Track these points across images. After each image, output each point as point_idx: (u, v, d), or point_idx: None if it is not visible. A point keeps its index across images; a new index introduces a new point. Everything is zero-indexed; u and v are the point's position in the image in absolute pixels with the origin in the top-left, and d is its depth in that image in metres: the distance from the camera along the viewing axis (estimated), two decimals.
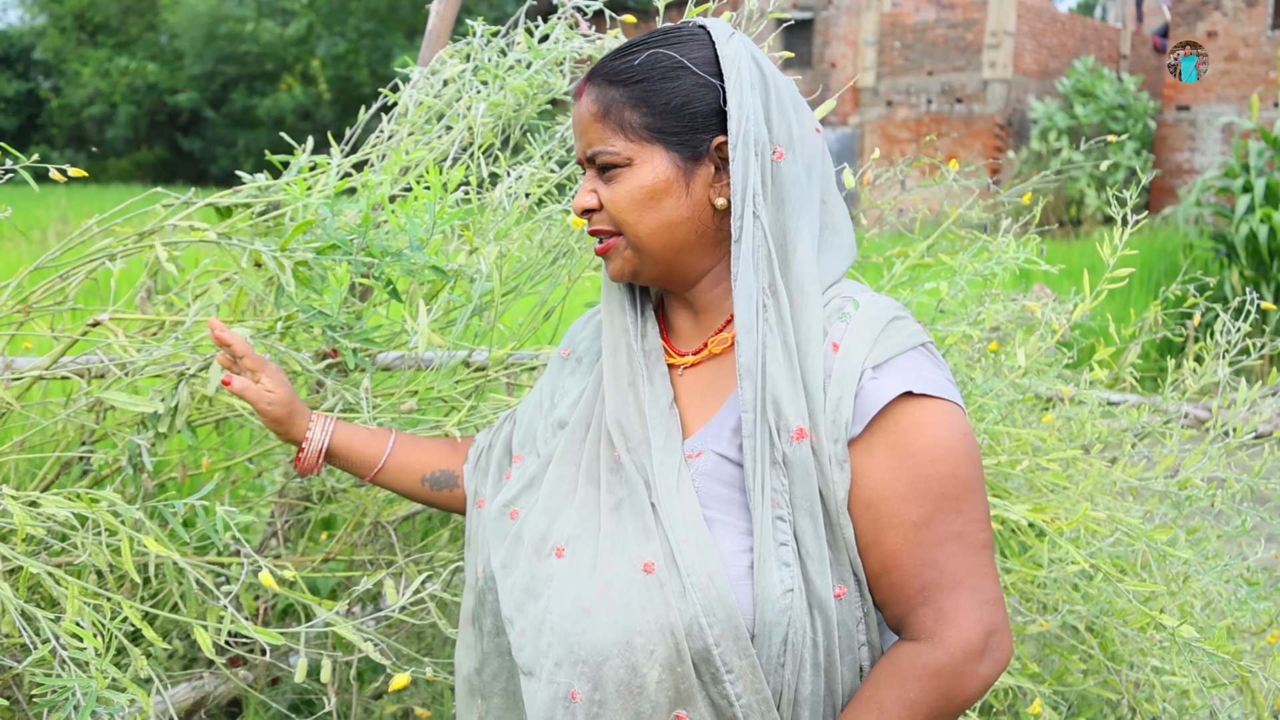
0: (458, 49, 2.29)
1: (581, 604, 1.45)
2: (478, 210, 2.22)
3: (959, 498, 1.41)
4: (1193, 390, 3.05)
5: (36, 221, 15.28)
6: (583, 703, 1.44)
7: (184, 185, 13.85)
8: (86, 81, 34.92)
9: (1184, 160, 20.12)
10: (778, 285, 1.44)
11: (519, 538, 1.58)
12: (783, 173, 1.47)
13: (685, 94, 1.47)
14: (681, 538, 1.41)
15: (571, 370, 1.71)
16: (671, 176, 1.48)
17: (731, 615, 1.38)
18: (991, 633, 1.40)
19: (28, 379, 2.01)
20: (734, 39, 1.50)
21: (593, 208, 1.53)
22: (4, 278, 7.33)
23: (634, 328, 1.59)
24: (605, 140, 1.50)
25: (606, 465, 1.53)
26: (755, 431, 1.41)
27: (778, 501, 1.40)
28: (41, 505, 1.59)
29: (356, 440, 1.81)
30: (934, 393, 1.41)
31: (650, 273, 1.54)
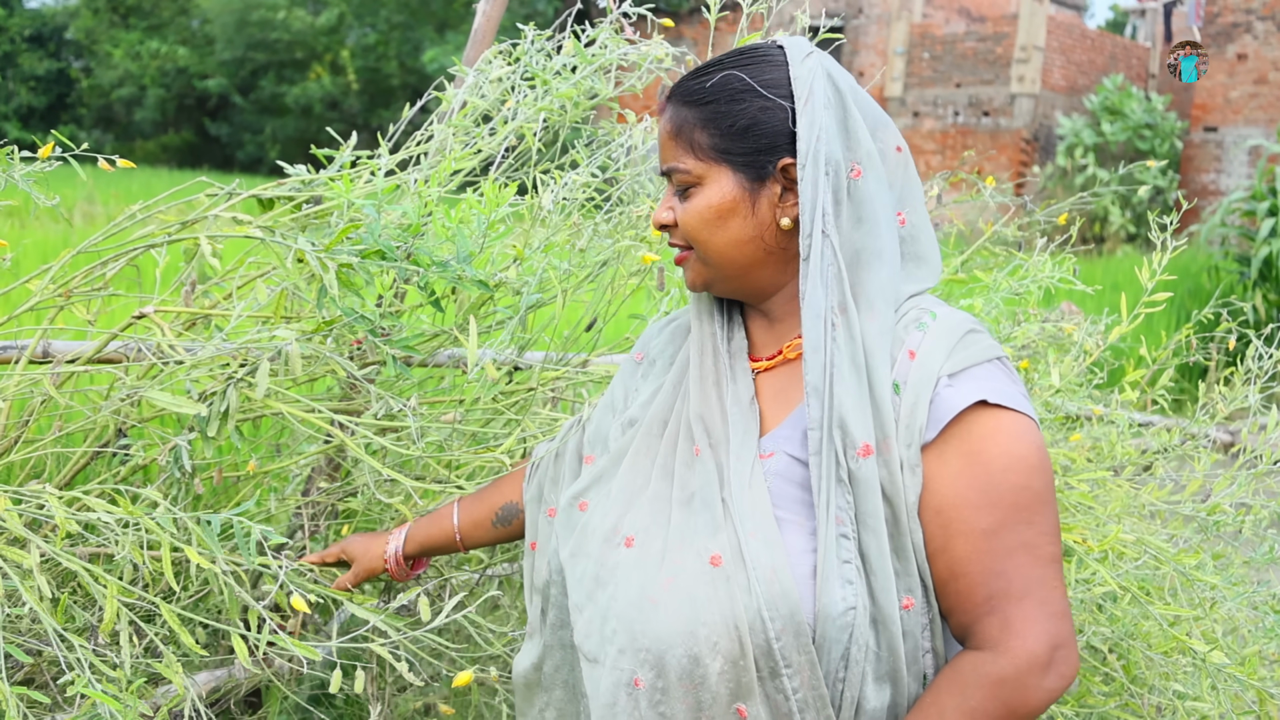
0: (503, 50, 2.29)
1: (648, 594, 1.48)
2: (526, 216, 2.22)
3: (1030, 509, 1.42)
4: (1223, 415, 3.04)
5: (64, 202, 15.28)
6: (646, 689, 1.47)
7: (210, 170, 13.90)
8: (117, 63, 34.98)
9: (1210, 181, 20.02)
10: (848, 303, 1.46)
11: (588, 529, 1.62)
12: (860, 190, 1.49)
13: (751, 116, 1.51)
14: (750, 532, 1.44)
15: (644, 373, 1.75)
16: (737, 196, 1.52)
17: (794, 612, 1.40)
18: (1057, 646, 1.39)
19: (67, 370, 2.01)
20: (809, 59, 1.52)
21: (669, 224, 1.59)
22: (36, 259, 7.36)
23: (720, 329, 1.62)
24: (678, 158, 1.55)
25: (682, 460, 1.56)
26: (821, 449, 1.43)
27: (842, 519, 1.41)
28: (80, 502, 1.60)
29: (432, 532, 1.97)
30: (1009, 404, 1.43)
31: (722, 286, 1.59)
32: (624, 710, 1.50)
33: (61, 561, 1.58)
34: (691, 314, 1.66)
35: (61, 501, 1.57)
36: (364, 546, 1.99)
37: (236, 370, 1.77)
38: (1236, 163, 19.88)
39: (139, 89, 35.44)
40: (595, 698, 1.55)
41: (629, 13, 2.34)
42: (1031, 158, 21.41)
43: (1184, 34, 27.49)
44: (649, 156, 2.44)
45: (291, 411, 1.78)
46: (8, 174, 1.89)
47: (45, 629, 1.87)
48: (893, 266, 1.50)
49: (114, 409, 1.95)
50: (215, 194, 1.95)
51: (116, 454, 2.04)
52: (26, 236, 8.94)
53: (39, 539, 1.55)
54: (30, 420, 2.03)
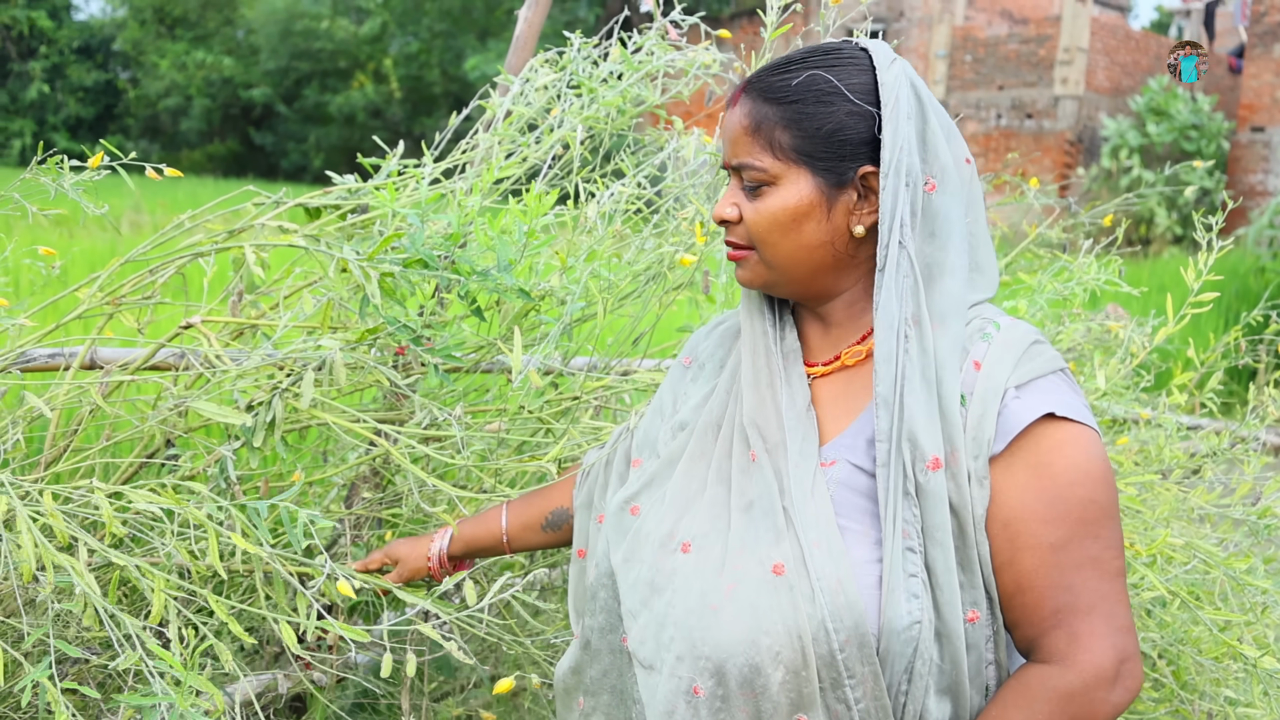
0: (549, 58, 2.29)
1: (708, 601, 1.46)
2: (570, 226, 2.23)
3: (1097, 523, 1.41)
4: (1273, 417, 3.01)
5: (111, 211, 15.43)
6: (706, 698, 1.46)
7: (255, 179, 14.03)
8: (163, 74, 35.35)
9: (1257, 182, 19.82)
10: (922, 315, 1.45)
11: (641, 533, 1.60)
12: (934, 203, 1.48)
13: (838, 121, 1.48)
14: (814, 541, 1.42)
15: (694, 377, 1.74)
16: (814, 200, 1.49)
17: (859, 622, 1.38)
18: (1124, 660, 1.39)
19: (115, 380, 2.03)
20: (895, 65, 1.51)
21: (732, 220, 1.55)
22: (84, 268, 7.44)
23: (772, 330, 1.61)
24: (753, 155, 1.51)
25: (738, 466, 1.54)
26: (890, 462, 1.42)
27: (909, 533, 1.40)
28: (127, 498, 1.61)
29: (478, 533, 1.97)
30: (1075, 417, 1.42)
31: (782, 289, 1.57)
32: (683, 718, 1.49)
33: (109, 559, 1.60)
34: (742, 313, 1.65)
35: (107, 498, 1.58)
36: (409, 549, 1.99)
37: (282, 380, 1.78)
38: None
39: (185, 99, 35.81)
40: (651, 704, 1.54)
41: (678, 21, 2.34)
42: (1076, 160, 21.26)
43: (1229, 34, 27.25)
44: (697, 170, 2.43)
45: (336, 421, 1.79)
46: (58, 183, 1.92)
47: (91, 636, 1.88)
48: (962, 279, 1.49)
49: (161, 419, 1.96)
50: (262, 203, 1.96)
51: (164, 464, 2.06)
52: (75, 245, 9.04)
53: (87, 535, 1.57)
54: (79, 429, 2.05)
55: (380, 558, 2.01)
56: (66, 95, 35.62)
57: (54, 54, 35.26)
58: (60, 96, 35.51)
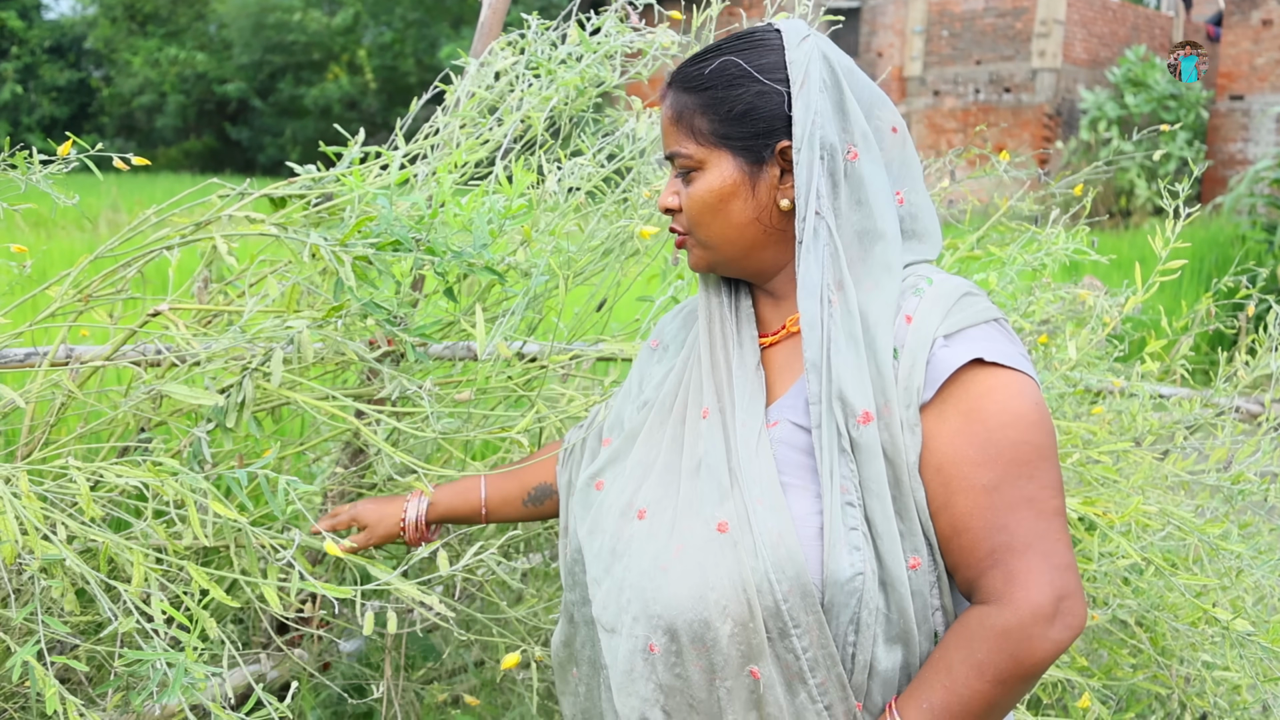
0: (510, 41, 2.30)
1: (659, 562, 1.52)
2: (533, 203, 2.24)
3: (1030, 464, 1.44)
4: (1245, 383, 3.03)
5: (88, 210, 15.42)
6: (661, 654, 1.52)
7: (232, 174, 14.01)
8: (136, 71, 35.17)
9: (1237, 151, 19.86)
10: (844, 280, 1.49)
11: (604, 505, 1.67)
12: (858, 170, 1.52)
13: (748, 102, 1.54)
14: (756, 498, 1.47)
15: (659, 359, 1.79)
16: (737, 180, 1.56)
17: (800, 573, 1.43)
18: (1063, 597, 1.41)
19: (87, 369, 2.04)
20: (805, 43, 1.55)
21: (674, 208, 1.63)
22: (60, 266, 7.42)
23: (728, 299, 1.67)
24: (680, 143, 1.59)
25: (690, 428, 1.60)
26: (822, 423, 1.46)
27: (846, 488, 1.44)
28: (105, 476, 1.62)
29: (454, 503, 1.99)
30: (1005, 362, 1.45)
31: (725, 267, 1.63)
32: (641, 675, 1.55)
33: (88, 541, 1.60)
34: (700, 288, 1.70)
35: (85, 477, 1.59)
36: (378, 512, 1.99)
37: (251, 362, 1.79)
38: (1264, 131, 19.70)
39: (159, 96, 35.64)
40: (614, 666, 1.60)
41: (634, 2, 2.35)
42: (1054, 133, 21.30)
43: (1207, 2, 27.29)
44: (653, 143, 2.45)
45: (305, 400, 1.80)
46: (28, 176, 1.92)
47: (76, 621, 1.89)
48: (894, 243, 1.53)
49: (133, 405, 1.97)
50: (227, 194, 1.96)
51: (138, 448, 2.07)
52: (52, 245, 9.01)
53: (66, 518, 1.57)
54: (53, 421, 2.05)
55: (348, 519, 2.00)
56: (40, 95, 35.43)
57: (25, 54, 35.07)
58: (34, 97, 35.32)
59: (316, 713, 2.75)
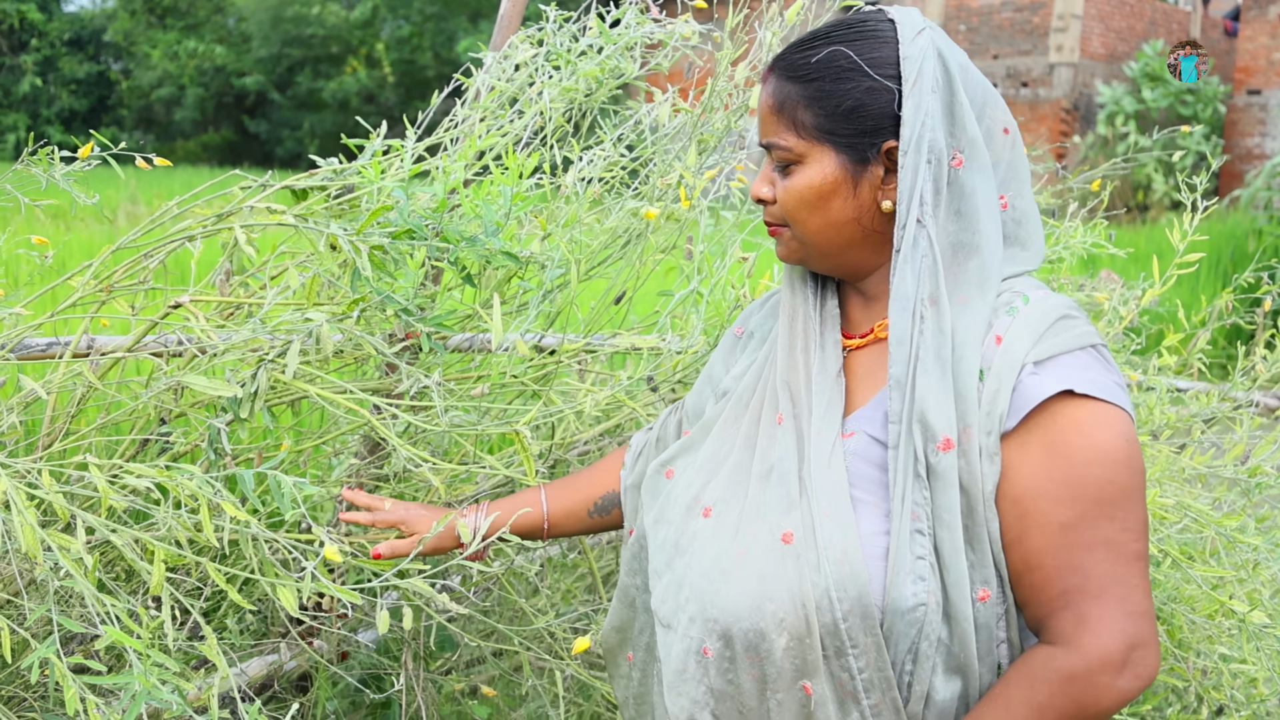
0: (530, 34, 2.31)
1: (721, 565, 1.48)
2: (550, 195, 2.24)
3: (1113, 503, 1.37)
4: (1263, 378, 3.03)
5: (107, 202, 15.48)
6: (714, 658, 1.48)
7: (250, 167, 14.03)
8: (155, 64, 35.27)
9: (1254, 145, 19.80)
10: (940, 295, 1.43)
11: (671, 496, 1.62)
12: (961, 179, 1.46)
13: (857, 98, 1.47)
14: (824, 511, 1.42)
15: (743, 347, 1.74)
16: (839, 178, 1.49)
17: (862, 594, 1.38)
18: (1134, 646, 1.35)
19: (108, 360, 2.05)
20: (920, 37, 1.48)
21: (767, 199, 1.56)
22: (80, 258, 7.46)
23: (813, 297, 1.61)
24: (779, 134, 1.52)
25: (765, 430, 1.55)
26: (900, 444, 1.41)
27: (917, 515, 1.39)
28: (123, 476, 1.63)
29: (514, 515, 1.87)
30: (1097, 394, 1.38)
31: (817, 264, 1.57)
32: (693, 677, 1.52)
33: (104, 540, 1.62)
34: (784, 282, 1.64)
35: (103, 476, 1.60)
36: (428, 521, 1.85)
37: (268, 353, 1.80)
38: None
39: (178, 89, 35.73)
40: (667, 662, 1.56)
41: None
42: (1072, 127, 21.22)
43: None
44: (673, 135, 2.44)
45: (319, 393, 1.80)
46: (49, 174, 1.93)
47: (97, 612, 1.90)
48: (993, 256, 1.46)
49: (153, 396, 1.98)
50: (248, 186, 1.98)
51: (159, 440, 2.08)
52: (71, 237, 9.05)
53: (86, 514, 1.59)
54: (75, 412, 2.07)
55: (393, 520, 1.85)
56: (59, 88, 35.55)
57: (45, 47, 35.18)
58: (53, 89, 35.44)
59: (334, 703, 2.76)
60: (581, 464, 2.71)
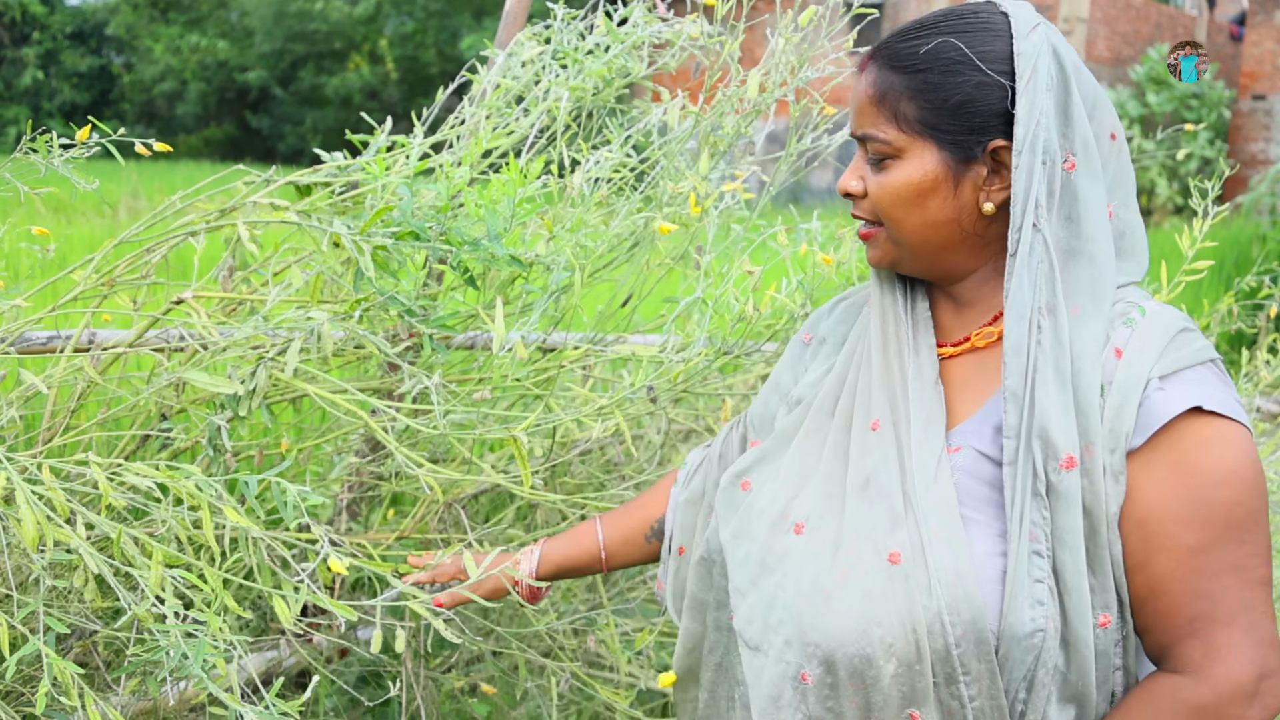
0: (536, 32, 2.30)
1: (820, 587, 1.40)
2: (556, 196, 2.23)
3: (1242, 527, 1.31)
4: (1266, 383, 3.02)
5: (108, 196, 15.48)
6: (814, 685, 1.40)
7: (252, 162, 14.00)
8: (158, 58, 35.29)
9: (1259, 150, 19.78)
10: (1057, 304, 1.36)
11: (753, 510, 1.54)
12: (1073, 183, 1.38)
13: (967, 93, 1.39)
14: (933, 530, 1.35)
15: (813, 353, 1.67)
16: (940, 176, 1.41)
17: (977, 618, 1.31)
18: (1264, 676, 1.30)
19: (109, 355, 2.04)
20: (1036, 32, 1.40)
21: (856, 194, 1.49)
22: (81, 252, 7.45)
23: (902, 298, 1.53)
24: (878, 126, 1.44)
25: (857, 439, 1.47)
26: (1018, 460, 1.34)
27: (1036, 536, 1.32)
28: (124, 474, 1.62)
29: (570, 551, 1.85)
30: (1224, 412, 1.32)
31: (910, 266, 1.50)
32: (789, 704, 1.44)
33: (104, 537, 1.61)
34: (872, 284, 1.57)
35: (104, 471, 1.59)
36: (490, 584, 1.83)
37: (269, 351, 1.79)
38: None
39: (180, 83, 35.75)
40: (756, 687, 1.48)
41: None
42: None
43: (1232, 1, 27.14)
44: (684, 138, 2.42)
45: (317, 392, 1.79)
46: (48, 161, 1.92)
47: (94, 608, 1.89)
48: (1106, 265, 1.39)
49: (154, 392, 1.97)
50: (252, 181, 1.96)
51: (159, 437, 2.07)
52: (73, 230, 9.04)
53: (86, 511, 1.58)
54: (75, 407, 2.06)
55: (452, 571, 1.86)
56: (61, 81, 35.55)
57: (47, 40, 35.19)
58: (55, 83, 35.45)
59: (333, 700, 2.75)
60: (582, 463, 2.70)
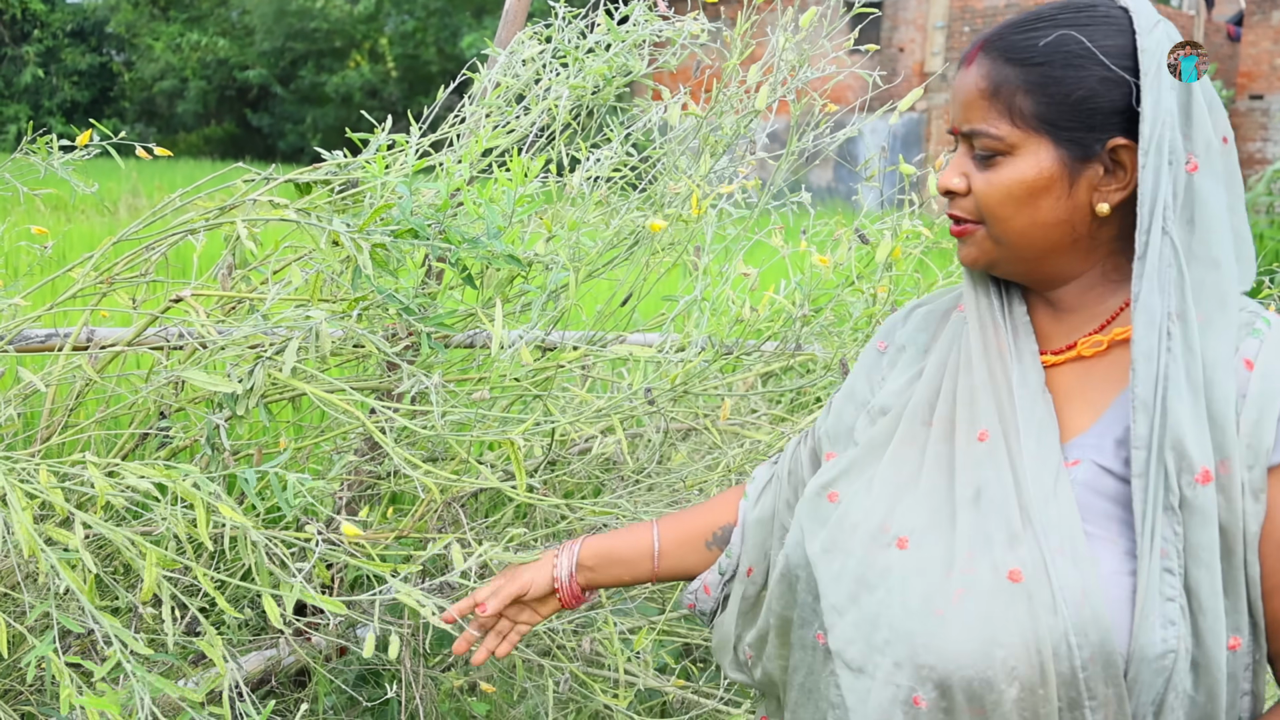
0: (537, 31, 2.29)
1: (933, 606, 1.33)
2: (555, 195, 2.22)
3: None
4: None
5: (108, 194, 15.47)
6: (928, 709, 1.33)
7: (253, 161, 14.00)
8: (158, 56, 35.28)
9: (1256, 150, 19.79)
10: (1187, 311, 1.29)
11: (845, 522, 1.46)
12: (1195, 185, 1.32)
13: (1090, 88, 1.33)
14: (1056, 547, 1.28)
15: (891, 362, 1.60)
16: (1055, 174, 1.35)
17: (1105, 639, 1.24)
18: None
19: (108, 354, 2.04)
20: (1158, 29, 1.34)
21: (959, 191, 1.42)
22: (80, 250, 7.45)
23: (998, 302, 1.47)
24: (989, 121, 1.37)
25: (963, 450, 1.40)
26: (1148, 472, 1.27)
27: (1167, 552, 1.25)
28: (121, 474, 1.62)
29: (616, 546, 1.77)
30: None
31: (1009, 268, 1.43)
32: None
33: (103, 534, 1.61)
34: (965, 287, 1.50)
35: (101, 472, 1.58)
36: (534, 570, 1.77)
37: (267, 349, 1.79)
38: None
39: (180, 81, 35.74)
40: (860, 710, 1.39)
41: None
42: None
43: (1230, 1, 27.14)
44: (684, 137, 2.41)
45: (314, 391, 1.78)
46: (48, 163, 1.92)
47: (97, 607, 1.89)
48: (1230, 271, 1.33)
49: (153, 390, 1.97)
50: (251, 179, 1.96)
51: (158, 435, 2.07)
52: (72, 229, 9.04)
53: (82, 513, 1.57)
54: (74, 405, 2.06)
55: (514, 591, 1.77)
56: (61, 79, 35.54)
57: (47, 38, 35.17)
58: (55, 81, 35.43)
59: (332, 699, 2.75)
60: (581, 462, 2.70)
